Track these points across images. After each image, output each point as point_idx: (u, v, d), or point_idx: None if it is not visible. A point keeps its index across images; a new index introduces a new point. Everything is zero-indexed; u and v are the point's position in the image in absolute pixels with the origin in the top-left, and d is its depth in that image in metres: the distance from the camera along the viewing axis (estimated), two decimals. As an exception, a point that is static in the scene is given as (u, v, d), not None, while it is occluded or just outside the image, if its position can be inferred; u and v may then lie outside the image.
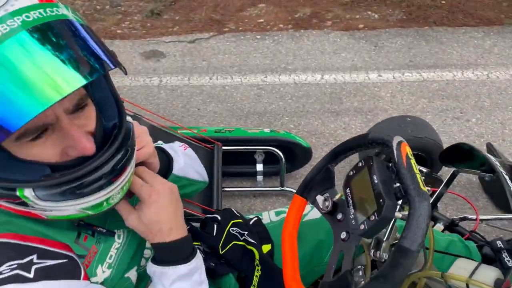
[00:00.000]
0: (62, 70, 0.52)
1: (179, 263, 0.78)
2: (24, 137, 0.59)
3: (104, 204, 0.68)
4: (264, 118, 2.42)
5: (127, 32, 3.54)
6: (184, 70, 2.87)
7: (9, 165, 0.61)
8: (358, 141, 1.06)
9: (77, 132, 0.62)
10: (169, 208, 0.78)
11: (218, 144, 1.78)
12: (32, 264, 0.66)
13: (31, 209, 0.63)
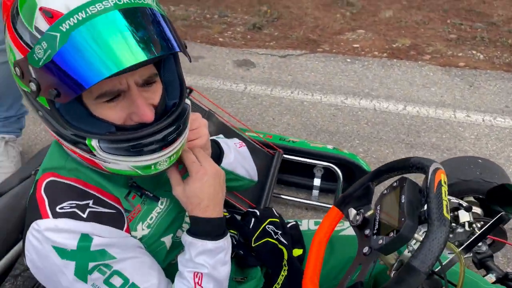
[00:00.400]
0: (134, 44, 0.64)
1: (208, 238, 0.85)
2: (102, 97, 0.72)
3: (152, 167, 0.77)
4: (334, 137, 2.45)
5: (228, 41, 3.80)
6: (269, 81, 3.02)
7: (85, 119, 0.74)
8: (401, 164, 1.08)
9: (142, 102, 0.73)
10: (210, 188, 0.86)
11: (279, 151, 1.86)
12: (87, 207, 0.79)
13: (95, 158, 0.75)
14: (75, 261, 0.75)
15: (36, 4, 0.64)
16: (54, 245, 0.74)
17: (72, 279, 0.76)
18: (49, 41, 0.63)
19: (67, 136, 0.74)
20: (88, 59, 0.63)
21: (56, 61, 0.63)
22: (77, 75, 0.63)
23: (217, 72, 3.14)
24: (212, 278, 0.86)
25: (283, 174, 2.02)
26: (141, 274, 0.82)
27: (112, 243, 0.79)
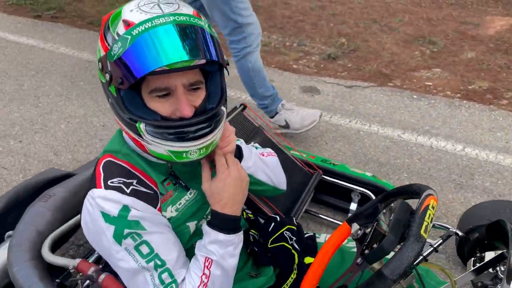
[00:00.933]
0: (180, 48, 0.85)
1: (221, 231, 0.99)
2: (154, 92, 0.92)
3: (183, 155, 0.94)
4: (383, 168, 2.50)
5: (301, 68, 3.99)
6: (330, 108, 3.14)
7: (140, 108, 0.94)
8: (405, 189, 1.18)
9: (184, 101, 0.92)
10: (231, 189, 1.01)
11: (319, 171, 1.99)
12: (131, 185, 1.00)
13: (141, 140, 0.94)
14: (115, 226, 0.95)
15: (121, 17, 0.89)
16: (102, 210, 0.95)
17: (111, 241, 0.95)
18: (122, 42, 0.86)
19: (125, 120, 0.94)
20: (144, 56, 0.84)
21: (124, 57, 0.85)
22: (134, 68, 0.85)
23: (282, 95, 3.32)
24: (220, 266, 0.99)
25: (322, 194, 2.13)
26: (165, 248, 0.99)
27: (145, 217, 0.98)
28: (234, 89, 3.46)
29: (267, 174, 1.27)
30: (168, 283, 0.98)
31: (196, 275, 0.99)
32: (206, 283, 0.98)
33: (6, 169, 2.41)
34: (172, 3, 0.91)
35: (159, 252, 0.98)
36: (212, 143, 0.98)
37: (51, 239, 1.37)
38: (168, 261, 0.98)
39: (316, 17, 5.26)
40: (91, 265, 1.22)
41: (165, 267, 0.98)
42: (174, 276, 0.99)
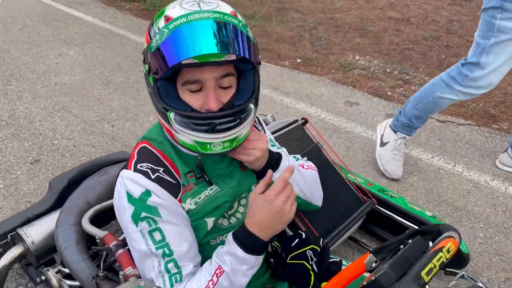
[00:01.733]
0: (211, 42, 0.89)
1: (241, 246, 0.98)
2: (185, 84, 0.96)
3: (207, 146, 0.98)
4: (456, 213, 2.25)
5: (396, 96, 3.80)
6: (413, 141, 2.93)
7: (173, 99, 1.00)
8: (431, 229, 1.08)
9: (212, 95, 0.96)
10: (268, 214, 0.98)
11: (373, 200, 1.86)
12: (157, 171, 1.07)
13: (171, 128, 0.99)
14: (134, 207, 1.02)
15: (164, 13, 0.96)
16: (127, 190, 1.03)
17: (129, 220, 1.02)
18: (161, 34, 0.92)
19: (159, 108, 0.99)
20: (177, 47, 0.90)
21: (160, 48, 0.91)
22: (168, 58, 0.90)
23: (365, 120, 3.21)
24: (229, 279, 0.99)
25: (375, 226, 1.99)
26: (176, 239, 1.03)
27: (163, 205, 1.03)
28: (315, 107, 3.43)
29: (300, 187, 1.24)
30: (174, 273, 1.02)
31: (205, 278, 1.01)
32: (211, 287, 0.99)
33: (94, 148, 2.71)
34: (212, 2, 0.96)
35: (170, 242, 1.02)
36: (237, 138, 1.00)
37: (93, 211, 1.50)
38: (176, 252, 1.02)
39: (427, 47, 4.98)
40: (114, 239, 1.31)
41: (172, 257, 1.02)
42: (180, 267, 1.02)
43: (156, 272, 1.02)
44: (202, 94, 0.97)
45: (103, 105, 3.24)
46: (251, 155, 1.09)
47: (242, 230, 1.00)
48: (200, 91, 0.97)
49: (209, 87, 0.96)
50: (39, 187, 2.30)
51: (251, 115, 1.01)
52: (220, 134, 0.96)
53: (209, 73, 0.95)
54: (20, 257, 1.58)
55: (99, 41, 4.55)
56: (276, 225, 1.00)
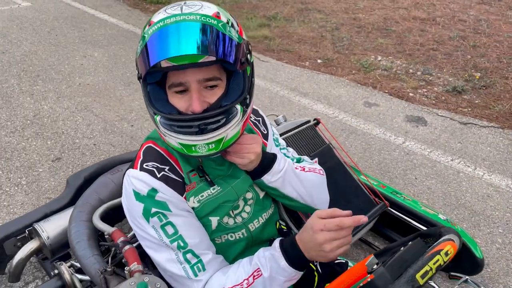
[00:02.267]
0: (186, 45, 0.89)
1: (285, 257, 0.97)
2: (171, 87, 0.97)
3: (192, 148, 0.98)
4: (474, 218, 2.18)
5: (417, 97, 3.73)
6: (432, 143, 2.87)
7: (162, 102, 1.02)
8: (433, 231, 1.07)
9: (195, 96, 0.95)
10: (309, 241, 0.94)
11: (385, 203, 1.84)
12: (163, 170, 1.09)
13: (159, 131, 1.01)
14: (144, 204, 1.04)
15: (150, 19, 0.99)
16: (134, 188, 1.05)
17: (140, 217, 1.04)
18: (143, 40, 0.95)
19: (149, 112, 1.01)
20: (153, 50, 0.91)
21: (142, 52, 0.93)
22: (146, 61, 0.92)
23: (383, 121, 3.16)
24: (264, 284, 0.98)
25: (388, 228, 1.96)
26: (188, 231, 1.05)
27: (171, 201, 1.05)
28: (332, 108, 3.40)
29: (296, 190, 1.22)
30: (194, 262, 1.03)
31: (241, 275, 1.01)
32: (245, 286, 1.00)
33: (113, 146, 2.78)
34: (195, 4, 0.97)
35: (183, 234, 1.03)
36: (223, 140, 0.99)
37: (104, 207, 1.55)
38: (190, 243, 1.03)
39: (452, 47, 4.87)
40: (122, 235, 1.34)
41: (188, 249, 1.03)
42: (199, 256, 1.04)
43: (176, 264, 1.03)
44: (188, 96, 0.97)
45: (124, 105, 3.32)
46: (245, 158, 1.09)
47: (290, 240, 0.99)
48: (186, 93, 0.98)
49: (192, 89, 0.96)
50: (59, 184, 2.37)
51: (237, 116, 1.00)
52: (204, 136, 0.96)
53: (192, 75, 0.95)
54: (37, 251, 1.64)
55: (123, 42, 4.66)
56: (315, 254, 0.95)
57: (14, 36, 4.58)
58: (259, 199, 1.24)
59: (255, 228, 1.23)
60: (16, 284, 1.76)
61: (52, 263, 1.62)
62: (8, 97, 3.30)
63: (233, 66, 0.97)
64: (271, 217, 1.29)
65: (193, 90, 0.96)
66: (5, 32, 4.67)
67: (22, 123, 2.97)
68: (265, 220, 1.25)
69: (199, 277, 1.03)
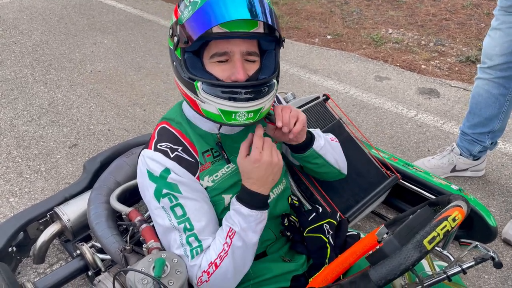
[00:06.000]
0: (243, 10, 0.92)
1: (246, 205, 1.03)
2: (214, 57, 1.00)
3: (232, 116, 1.00)
4: (488, 187, 2.17)
5: (430, 69, 3.67)
6: (445, 114, 2.84)
7: (199, 71, 1.01)
8: (442, 199, 1.08)
9: (240, 66, 1.00)
10: (261, 172, 1.03)
11: (397, 175, 1.84)
12: (176, 151, 1.12)
13: (197, 98, 1.01)
14: (156, 184, 1.07)
15: None
16: (148, 168, 1.09)
17: (152, 196, 1.08)
18: (193, 5, 0.96)
19: (184, 80, 1.01)
20: (209, 14, 0.93)
21: (193, 18, 0.95)
22: (199, 25, 0.93)
23: (395, 95, 3.13)
24: (241, 239, 1.03)
25: (400, 200, 1.97)
26: (196, 215, 1.08)
27: (183, 182, 1.08)
28: (343, 84, 3.38)
29: (334, 157, 1.32)
30: (195, 246, 1.07)
31: (219, 242, 1.06)
32: (227, 251, 1.04)
33: (127, 131, 2.82)
34: None
35: (191, 217, 1.07)
36: (260, 110, 1.03)
37: (121, 189, 1.59)
38: (197, 227, 1.07)
39: (466, 16, 4.75)
40: (139, 215, 1.39)
41: (193, 232, 1.07)
42: (201, 241, 1.07)
43: (178, 244, 1.07)
44: (229, 65, 1.01)
45: (135, 90, 3.35)
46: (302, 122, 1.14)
47: (243, 191, 1.05)
48: (227, 63, 1.01)
49: (237, 59, 1.00)
50: (77, 169, 2.44)
51: (273, 89, 1.05)
52: (245, 104, 0.99)
53: (237, 46, 0.99)
54: (59, 233, 1.70)
55: (131, 28, 4.67)
56: (272, 178, 1.05)
57: (24, 27, 4.63)
58: None
59: None
60: (41, 266, 1.83)
61: (74, 244, 1.68)
62: (23, 87, 3.37)
63: (272, 44, 1.06)
64: (283, 192, 1.32)
65: (238, 60, 1.00)
66: (16, 23, 4.71)
67: (38, 111, 3.03)
68: (276, 196, 1.28)
69: (195, 260, 1.06)
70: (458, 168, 2.23)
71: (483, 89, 2.02)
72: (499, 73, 1.92)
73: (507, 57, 1.85)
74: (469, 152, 2.17)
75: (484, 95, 2.01)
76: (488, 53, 1.92)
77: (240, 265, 1.06)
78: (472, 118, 2.12)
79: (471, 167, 2.22)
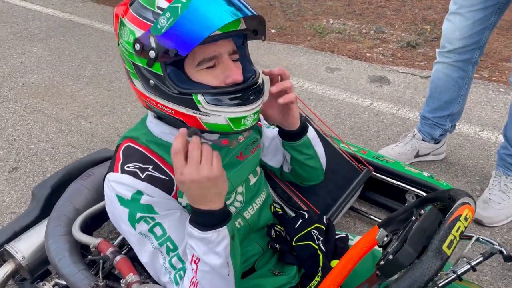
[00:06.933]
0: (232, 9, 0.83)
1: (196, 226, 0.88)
2: (201, 64, 0.89)
3: (242, 121, 0.91)
4: (451, 169, 2.24)
5: (375, 56, 3.75)
6: (399, 100, 2.90)
7: (187, 83, 0.89)
8: (440, 195, 1.04)
9: (235, 67, 0.92)
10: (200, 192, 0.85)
11: (369, 168, 1.82)
12: (146, 170, 0.98)
13: (198, 113, 0.89)
14: (129, 209, 0.94)
15: None
16: (116, 193, 0.95)
17: (127, 223, 0.95)
18: (172, 11, 0.82)
19: (175, 97, 0.88)
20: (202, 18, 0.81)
21: (177, 25, 0.82)
22: (195, 31, 0.81)
23: (348, 85, 3.15)
24: (206, 264, 0.89)
25: (373, 193, 1.96)
26: (177, 232, 0.96)
27: (157, 202, 0.95)
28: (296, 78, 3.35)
29: (320, 151, 1.31)
30: (179, 268, 0.95)
31: (190, 268, 0.93)
32: (197, 277, 0.92)
33: (74, 147, 2.59)
34: None
35: (171, 235, 0.95)
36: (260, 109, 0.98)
37: (82, 218, 1.42)
38: (180, 246, 0.96)
39: (399, 2, 4.92)
40: (110, 246, 1.24)
41: (176, 252, 0.95)
42: (184, 262, 0.96)
43: (164, 270, 0.96)
44: (219, 69, 0.92)
45: (77, 101, 3.10)
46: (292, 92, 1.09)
47: (192, 212, 0.90)
48: (215, 67, 0.92)
49: (226, 59, 0.92)
50: (22, 196, 2.19)
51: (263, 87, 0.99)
52: (252, 105, 0.92)
53: (224, 47, 0.92)
54: (13, 274, 1.50)
55: (63, 33, 4.33)
56: (217, 190, 0.86)
57: None
58: (249, 186, 1.19)
59: (251, 216, 1.18)
60: (-5, 313, 1.61)
61: (33, 284, 1.49)
62: None
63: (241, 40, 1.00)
64: (265, 201, 1.25)
65: (229, 61, 0.93)
66: None
67: (-34, 135, 2.71)
68: (259, 206, 1.21)
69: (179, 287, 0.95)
70: (421, 153, 2.26)
71: (442, 72, 2.05)
72: (458, 56, 1.96)
73: (467, 40, 1.89)
74: (430, 136, 2.22)
75: (444, 79, 2.05)
76: (448, 37, 1.95)
77: None
78: (432, 102, 2.15)
79: (433, 151, 2.27)
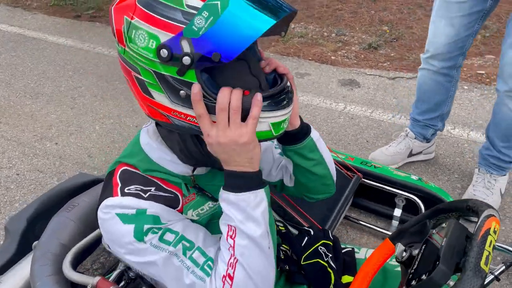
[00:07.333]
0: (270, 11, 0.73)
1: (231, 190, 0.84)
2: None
3: (281, 125, 0.84)
4: (431, 168, 2.29)
5: (340, 59, 3.80)
6: (371, 102, 2.94)
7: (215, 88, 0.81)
8: (459, 204, 1.02)
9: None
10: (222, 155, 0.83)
11: (359, 174, 1.83)
12: (149, 191, 0.90)
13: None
14: (134, 224, 0.84)
15: None
16: (118, 212, 0.85)
17: (133, 241, 0.84)
18: (210, 9, 0.71)
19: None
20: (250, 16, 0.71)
21: (220, 25, 0.71)
22: (242, 32, 0.71)
23: (320, 90, 3.17)
24: (243, 234, 0.83)
25: (363, 199, 1.97)
26: (189, 230, 0.89)
27: (164, 214, 0.88)
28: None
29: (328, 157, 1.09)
30: (203, 262, 0.86)
31: (224, 249, 0.85)
32: (235, 256, 0.83)
33: (41, 172, 2.42)
34: None
35: (185, 234, 0.88)
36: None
37: (72, 254, 1.31)
38: (196, 240, 0.88)
39: (355, 4, 5.02)
40: (110, 284, 1.15)
41: (196, 247, 0.87)
42: (208, 254, 0.88)
43: (185, 271, 0.86)
44: None
45: (39, 122, 2.91)
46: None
47: (226, 176, 0.85)
48: None
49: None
50: (-10, 230, 2.01)
51: None
52: (289, 108, 0.84)
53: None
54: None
55: (14, 48, 4.07)
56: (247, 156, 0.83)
57: None
58: None
59: None
60: None
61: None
62: None
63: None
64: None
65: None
66: None
67: None
68: None
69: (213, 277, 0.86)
70: (414, 152, 2.30)
71: (429, 78, 2.08)
72: (443, 63, 1.99)
73: (451, 47, 1.92)
74: (422, 136, 2.26)
75: (431, 84, 2.09)
76: (433, 41, 1.97)
77: (257, 270, 0.85)
78: (421, 105, 2.19)
79: (424, 149, 2.32)
